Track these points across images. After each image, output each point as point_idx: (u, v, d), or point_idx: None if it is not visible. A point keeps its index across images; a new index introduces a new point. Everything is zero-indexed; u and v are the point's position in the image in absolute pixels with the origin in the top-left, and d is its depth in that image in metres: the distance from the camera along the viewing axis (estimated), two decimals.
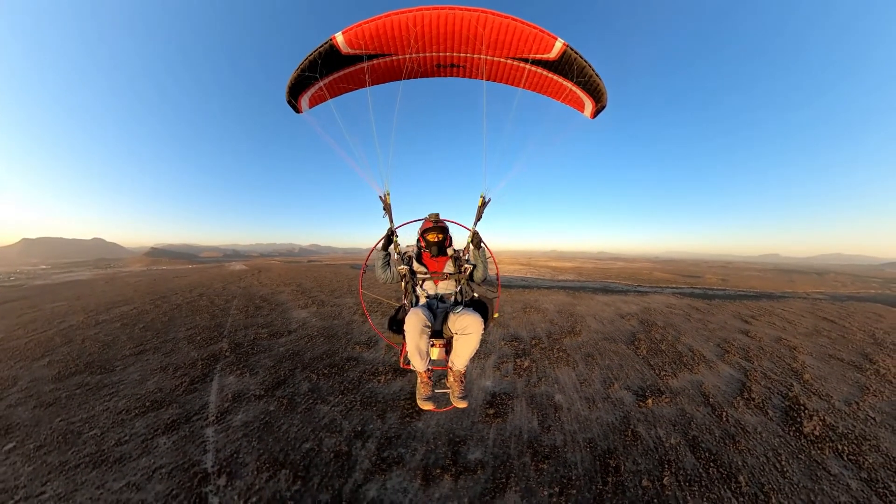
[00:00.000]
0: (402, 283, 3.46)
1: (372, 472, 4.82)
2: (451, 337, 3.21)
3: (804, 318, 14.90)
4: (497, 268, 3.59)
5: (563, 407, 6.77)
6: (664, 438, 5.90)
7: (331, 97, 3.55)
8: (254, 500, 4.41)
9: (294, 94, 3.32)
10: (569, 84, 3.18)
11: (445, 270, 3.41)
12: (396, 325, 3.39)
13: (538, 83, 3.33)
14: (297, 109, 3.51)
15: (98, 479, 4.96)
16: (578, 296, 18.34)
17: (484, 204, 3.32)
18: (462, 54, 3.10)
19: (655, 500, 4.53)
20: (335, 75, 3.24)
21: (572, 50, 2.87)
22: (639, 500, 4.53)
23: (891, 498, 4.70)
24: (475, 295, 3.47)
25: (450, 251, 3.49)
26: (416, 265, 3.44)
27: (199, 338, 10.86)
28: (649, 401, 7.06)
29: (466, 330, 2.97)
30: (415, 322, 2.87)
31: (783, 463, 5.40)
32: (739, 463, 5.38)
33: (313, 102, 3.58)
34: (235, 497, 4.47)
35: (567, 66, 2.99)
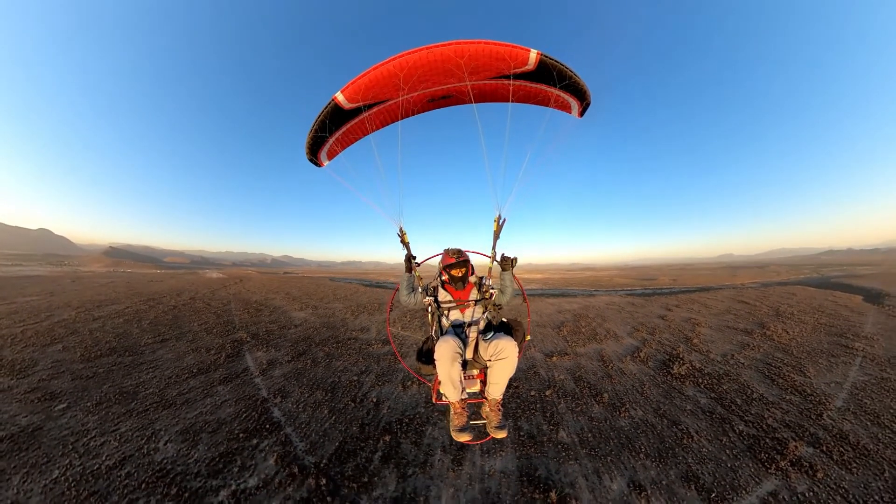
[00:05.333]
0: (429, 315, 3.20)
1: (373, 386, 7.33)
2: (486, 367, 2.89)
3: (722, 302, 14.86)
4: (523, 290, 3.27)
5: None
6: (556, 375, 7.12)
7: (342, 149, 3.62)
8: (302, 404, 6.56)
9: (313, 153, 3.44)
10: (553, 90, 3.11)
11: (471, 298, 3.13)
12: (426, 356, 3.02)
13: (525, 95, 3.25)
14: (318, 164, 3.61)
15: (171, 414, 6.15)
16: (531, 300, 18.09)
17: (500, 226, 3.11)
18: (449, 85, 3.06)
19: (537, 402, 6.17)
20: (343, 129, 3.31)
21: (547, 57, 2.79)
22: (526, 402, 6.28)
23: (734, 407, 5.45)
24: (504, 319, 3.16)
25: (472, 278, 3.22)
26: (441, 294, 3.16)
27: (215, 330, 11.71)
28: (554, 358, 8.14)
29: (500, 354, 2.68)
30: (446, 350, 2.60)
31: (644, 388, 6.25)
32: (609, 388, 6.35)
33: (330, 156, 3.68)
34: (290, 404, 6.55)
35: (546, 73, 2.91)
